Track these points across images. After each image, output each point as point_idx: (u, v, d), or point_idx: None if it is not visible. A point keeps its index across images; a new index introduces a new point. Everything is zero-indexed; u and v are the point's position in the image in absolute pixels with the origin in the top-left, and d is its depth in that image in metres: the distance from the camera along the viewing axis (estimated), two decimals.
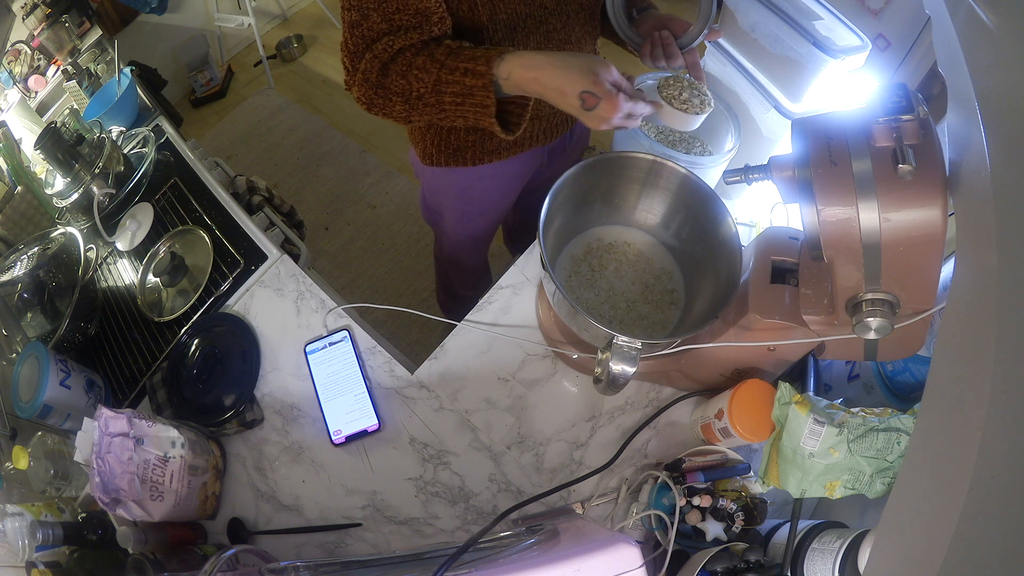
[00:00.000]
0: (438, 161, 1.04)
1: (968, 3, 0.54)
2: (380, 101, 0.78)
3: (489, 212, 1.22)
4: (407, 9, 0.73)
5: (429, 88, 0.74)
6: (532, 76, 0.70)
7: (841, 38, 0.85)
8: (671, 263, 0.86)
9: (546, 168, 1.16)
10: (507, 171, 1.08)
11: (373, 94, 0.78)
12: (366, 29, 0.74)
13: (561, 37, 0.88)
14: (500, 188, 1.14)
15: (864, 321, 0.54)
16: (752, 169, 0.60)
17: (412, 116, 0.79)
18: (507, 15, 0.79)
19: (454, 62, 0.72)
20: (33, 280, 1.11)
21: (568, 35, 0.88)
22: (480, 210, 1.21)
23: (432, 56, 0.73)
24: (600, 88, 0.67)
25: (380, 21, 0.73)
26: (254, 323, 1.02)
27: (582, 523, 0.68)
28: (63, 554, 0.81)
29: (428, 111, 0.77)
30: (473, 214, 1.22)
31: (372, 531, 0.86)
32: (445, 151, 1.02)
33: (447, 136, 0.99)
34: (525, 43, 0.85)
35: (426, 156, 1.05)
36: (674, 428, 0.87)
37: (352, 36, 0.76)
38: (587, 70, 0.68)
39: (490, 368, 0.93)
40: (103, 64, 1.52)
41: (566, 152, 1.18)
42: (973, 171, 0.44)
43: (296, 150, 2.57)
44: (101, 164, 1.20)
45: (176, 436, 0.83)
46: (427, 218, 1.32)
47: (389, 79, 0.76)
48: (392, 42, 0.74)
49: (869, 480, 0.63)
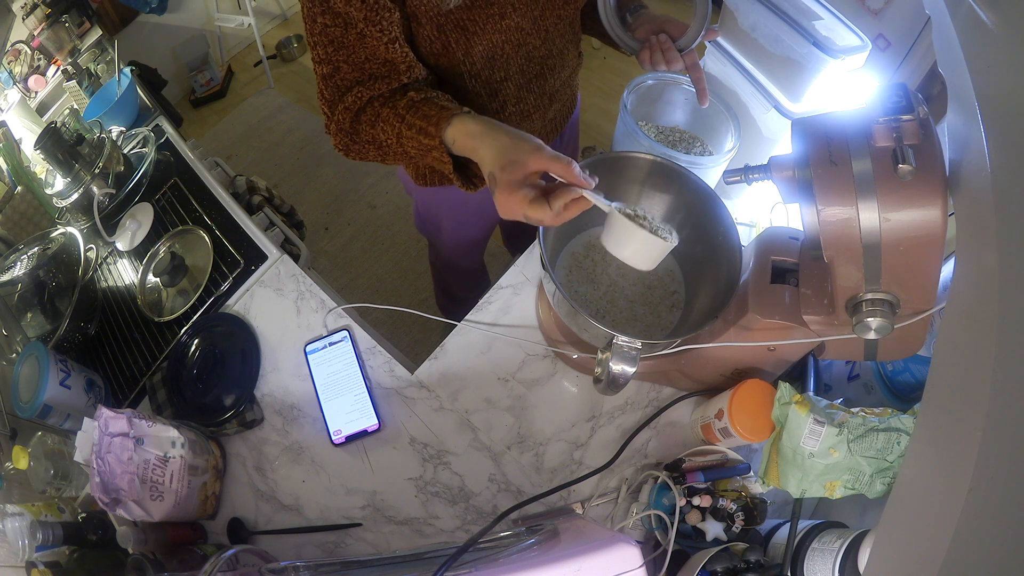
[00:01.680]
0: (431, 182, 1.04)
1: (968, 3, 0.54)
2: (356, 147, 0.80)
3: (485, 219, 1.23)
4: (375, 59, 0.73)
5: (394, 140, 0.74)
6: (471, 146, 0.67)
7: (841, 38, 0.84)
8: (671, 263, 0.86)
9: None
10: None
11: (349, 141, 0.79)
12: (339, 80, 0.75)
13: (543, 54, 0.87)
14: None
15: (864, 321, 0.54)
16: (752, 169, 0.60)
17: (387, 160, 0.80)
18: (483, 47, 0.79)
19: (412, 118, 0.72)
20: (33, 280, 1.11)
21: (549, 50, 0.88)
22: (475, 219, 1.21)
23: (395, 110, 0.73)
24: (504, 175, 0.61)
25: (351, 71, 0.74)
26: (254, 323, 1.02)
27: (582, 523, 0.68)
28: (63, 554, 0.81)
29: (399, 159, 0.78)
30: (469, 223, 1.22)
31: (372, 531, 0.86)
32: (438, 172, 1.01)
33: None
34: (506, 68, 0.85)
35: (419, 177, 1.05)
36: (674, 428, 0.87)
37: (327, 87, 0.76)
38: (506, 152, 0.62)
39: (490, 368, 0.93)
40: (103, 64, 1.52)
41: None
42: (973, 171, 0.44)
43: (296, 150, 2.57)
44: (101, 164, 1.20)
45: (176, 436, 0.83)
46: (421, 229, 1.32)
47: (361, 128, 0.77)
48: (362, 93, 0.74)
49: (869, 480, 0.63)
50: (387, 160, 0.80)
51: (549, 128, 1.04)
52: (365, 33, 0.70)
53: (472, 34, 0.76)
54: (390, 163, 0.81)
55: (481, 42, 0.78)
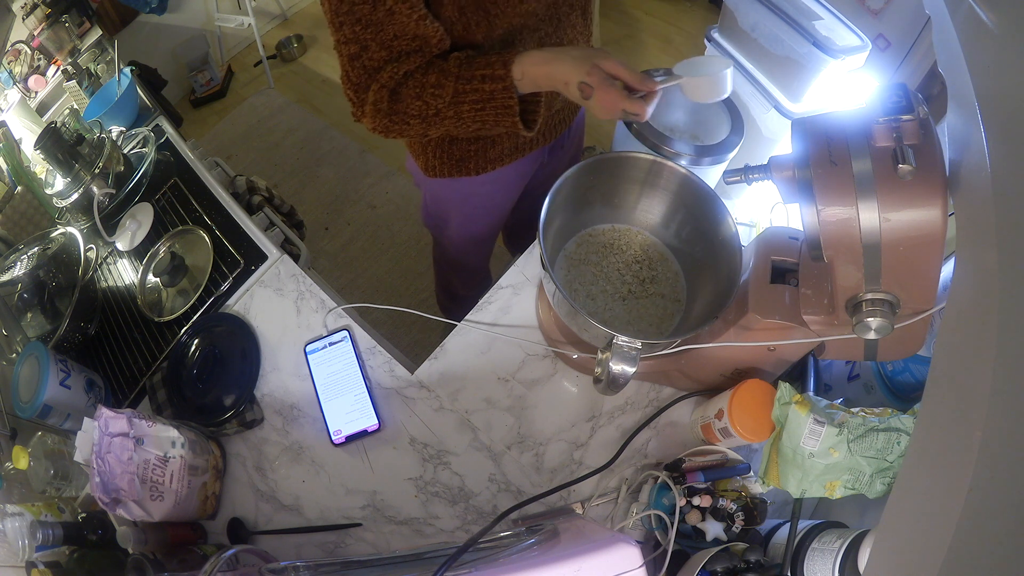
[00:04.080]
0: (441, 173, 1.04)
1: (968, 3, 0.54)
2: (396, 126, 0.79)
3: (493, 214, 1.23)
4: (405, 35, 0.73)
5: (447, 102, 0.75)
6: (544, 71, 0.73)
7: (841, 38, 0.85)
8: (671, 263, 0.86)
9: (546, 166, 1.16)
10: (509, 175, 1.08)
11: (388, 122, 0.79)
12: (366, 60, 0.74)
13: (554, 42, 0.88)
14: (503, 191, 1.15)
15: (864, 321, 0.54)
16: (752, 169, 0.60)
17: (429, 132, 0.80)
18: (502, 30, 0.80)
19: (468, 71, 0.74)
20: (33, 280, 1.11)
21: (560, 39, 0.89)
22: (484, 214, 1.21)
23: (444, 71, 0.75)
24: (594, 78, 0.69)
25: (379, 50, 0.74)
26: (254, 323, 1.02)
27: (582, 523, 0.68)
28: (63, 554, 0.81)
29: (447, 124, 0.78)
30: (477, 218, 1.22)
31: (372, 531, 0.86)
32: (448, 163, 1.02)
33: (449, 148, 0.99)
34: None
35: (428, 168, 1.05)
36: (674, 428, 0.87)
37: (353, 69, 0.76)
38: (584, 60, 0.70)
39: (490, 368, 0.93)
40: (103, 64, 1.52)
41: (564, 148, 1.18)
42: (973, 171, 0.44)
43: (296, 150, 2.57)
44: (101, 164, 1.20)
45: (176, 436, 0.83)
46: (429, 224, 1.32)
47: (402, 104, 0.77)
48: (397, 69, 0.74)
49: (869, 480, 0.63)
50: (430, 130, 0.80)
51: (556, 120, 1.04)
52: (394, 10, 0.71)
53: (494, 16, 0.77)
54: (432, 133, 0.81)
55: (501, 25, 0.79)
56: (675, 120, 1.03)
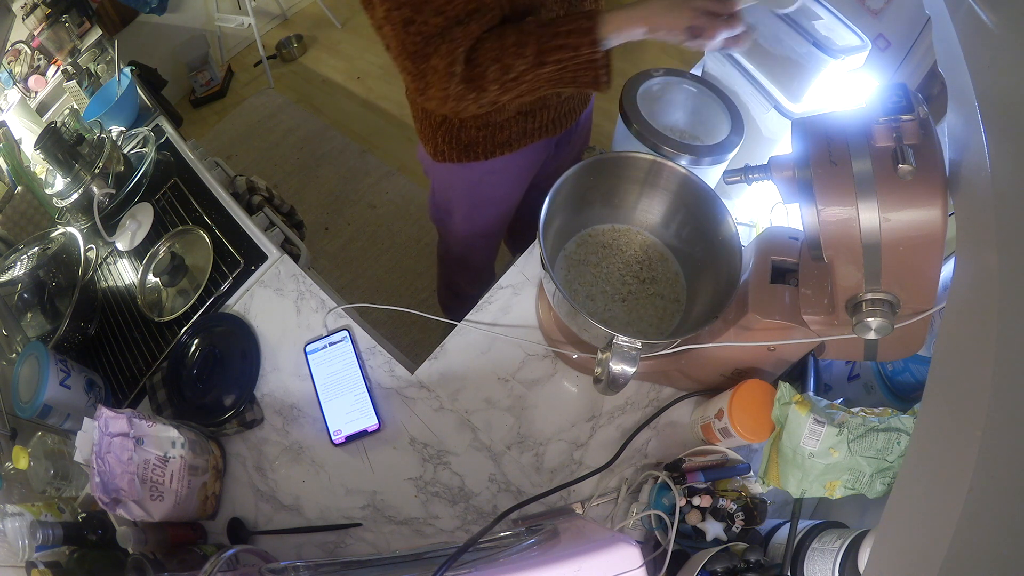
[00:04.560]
0: (449, 157, 1.05)
1: (968, 3, 0.54)
2: (472, 93, 0.77)
3: (499, 206, 1.23)
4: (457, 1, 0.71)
5: (530, 62, 0.75)
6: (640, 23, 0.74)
7: (841, 38, 0.84)
8: (671, 263, 0.86)
9: (552, 160, 1.17)
10: (517, 163, 1.08)
11: (464, 89, 0.76)
12: (421, 24, 0.72)
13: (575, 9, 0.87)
14: (509, 181, 1.15)
15: (864, 321, 0.54)
16: (752, 169, 0.60)
17: (501, 98, 0.79)
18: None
19: (552, 29, 0.75)
20: (33, 280, 1.11)
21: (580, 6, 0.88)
22: (490, 205, 1.21)
23: (523, 31, 0.75)
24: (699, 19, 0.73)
25: (433, 15, 0.71)
26: (254, 323, 1.02)
27: (582, 523, 0.68)
28: (63, 554, 0.81)
29: (521, 88, 0.78)
30: (483, 209, 1.22)
31: (372, 531, 0.86)
32: (456, 147, 1.02)
33: (458, 132, 1.00)
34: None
35: (437, 153, 1.05)
36: (674, 428, 0.87)
37: (408, 36, 0.73)
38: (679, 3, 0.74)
39: (490, 368, 0.93)
40: (103, 64, 1.52)
41: (571, 144, 1.18)
42: (973, 171, 0.44)
43: (296, 150, 2.57)
44: (101, 164, 1.20)
45: (176, 436, 0.83)
46: (435, 217, 1.32)
47: (480, 68, 0.75)
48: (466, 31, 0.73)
49: (869, 480, 0.63)
50: (502, 97, 0.79)
51: (564, 111, 1.04)
52: None
53: None
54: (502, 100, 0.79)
55: None
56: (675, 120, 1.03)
